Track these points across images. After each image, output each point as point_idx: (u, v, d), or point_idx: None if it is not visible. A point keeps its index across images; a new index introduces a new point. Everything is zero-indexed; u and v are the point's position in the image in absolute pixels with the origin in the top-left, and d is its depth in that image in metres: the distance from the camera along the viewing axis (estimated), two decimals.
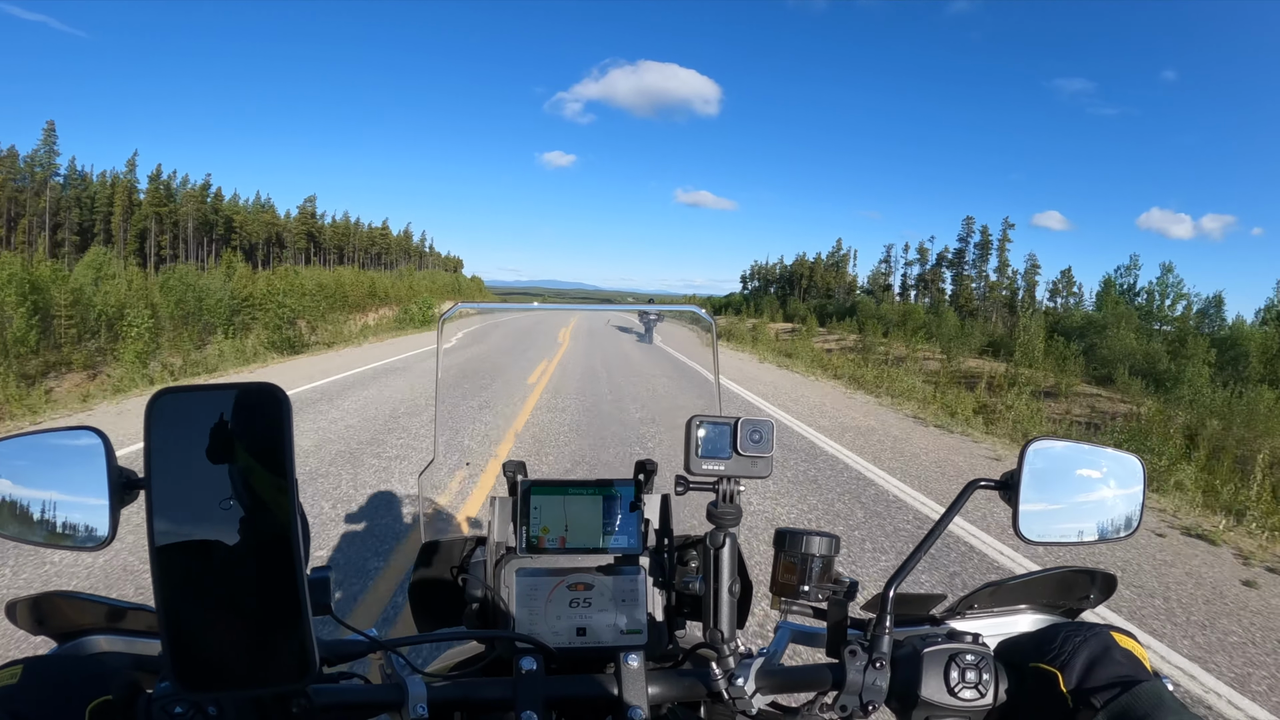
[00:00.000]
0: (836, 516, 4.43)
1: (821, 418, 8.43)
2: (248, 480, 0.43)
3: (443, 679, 0.66)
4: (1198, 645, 2.95)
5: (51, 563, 3.21)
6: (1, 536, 0.61)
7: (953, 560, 3.71)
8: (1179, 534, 4.65)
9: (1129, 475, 0.74)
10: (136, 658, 0.67)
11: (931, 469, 6.02)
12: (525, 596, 0.79)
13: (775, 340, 28.00)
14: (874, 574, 3.49)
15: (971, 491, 0.67)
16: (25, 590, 2.71)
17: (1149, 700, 0.52)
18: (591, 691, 0.68)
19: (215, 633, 0.44)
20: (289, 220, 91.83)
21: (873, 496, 4.96)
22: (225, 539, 0.43)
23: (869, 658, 0.63)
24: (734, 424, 0.70)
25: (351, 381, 9.34)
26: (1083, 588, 0.77)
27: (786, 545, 0.71)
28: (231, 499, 0.43)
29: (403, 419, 6.85)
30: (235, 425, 0.43)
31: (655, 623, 0.80)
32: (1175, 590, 3.57)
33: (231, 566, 0.43)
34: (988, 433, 8.77)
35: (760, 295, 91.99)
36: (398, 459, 5.23)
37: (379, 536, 3.67)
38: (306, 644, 0.44)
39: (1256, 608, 3.41)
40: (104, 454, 0.57)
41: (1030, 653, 0.61)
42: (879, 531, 4.17)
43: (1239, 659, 2.85)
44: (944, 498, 5.00)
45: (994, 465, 6.51)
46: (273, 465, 0.43)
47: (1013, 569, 3.45)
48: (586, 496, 0.83)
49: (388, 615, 2.79)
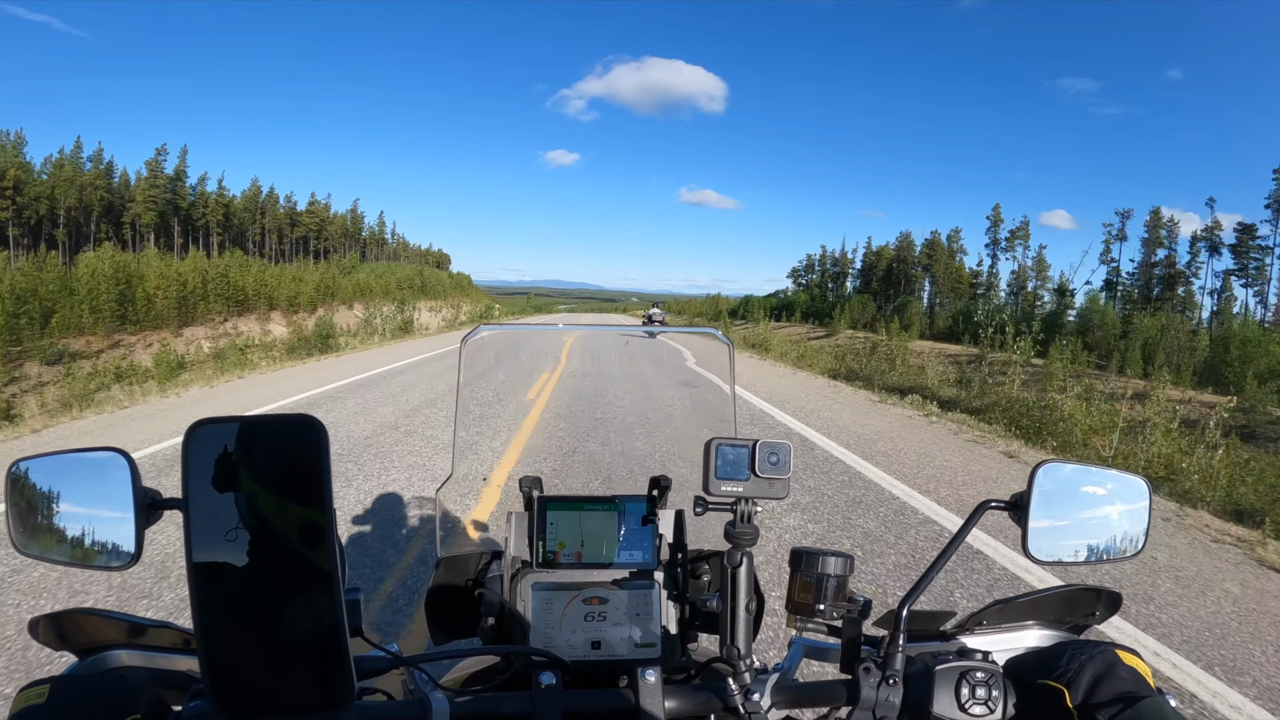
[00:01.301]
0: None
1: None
2: (286, 507, 0.44)
3: (464, 694, 0.67)
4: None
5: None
6: (26, 555, 0.62)
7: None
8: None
9: (1134, 497, 0.75)
10: (159, 674, 0.68)
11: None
12: (541, 610, 0.80)
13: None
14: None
15: (982, 512, 0.69)
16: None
17: (1152, 716, 0.54)
18: (609, 705, 0.69)
19: (255, 657, 0.44)
20: (132, 186, 61.68)
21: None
22: (264, 564, 0.44)
23: (883, 674, 0.65)
24: (752, 446, 0.72)
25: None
26: (1088, 605, 0.79)
27: (803, 565, 0.73)
28: (270, 525, 0.44)
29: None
30: (274, 454, 0.44)
31: (669, 637, 0.81)
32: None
33: (270, 592, 0.44)
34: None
35: (828, 292, 70.96)
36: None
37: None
38: (346, 670, 0.45)
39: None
40: (129, 474, 0.58)
41: (1037, 670, 0.63)
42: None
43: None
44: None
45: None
46: (311, 493, 0.44)
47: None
48: (601, 512, 0.84)
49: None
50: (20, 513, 0.62)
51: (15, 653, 2.47)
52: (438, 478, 4.72)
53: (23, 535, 0.62)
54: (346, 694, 0.45)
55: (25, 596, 2.93)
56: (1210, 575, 3.63)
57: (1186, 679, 2.55)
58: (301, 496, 0.44)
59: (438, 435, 6.00)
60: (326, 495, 0.44)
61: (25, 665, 2.38)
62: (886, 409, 8.91)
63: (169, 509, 0.58)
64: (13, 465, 0.62)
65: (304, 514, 0.44)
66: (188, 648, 0.70)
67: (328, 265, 61.81)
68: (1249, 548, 4.13)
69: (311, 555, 0.44)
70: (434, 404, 7.65)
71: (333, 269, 56.78)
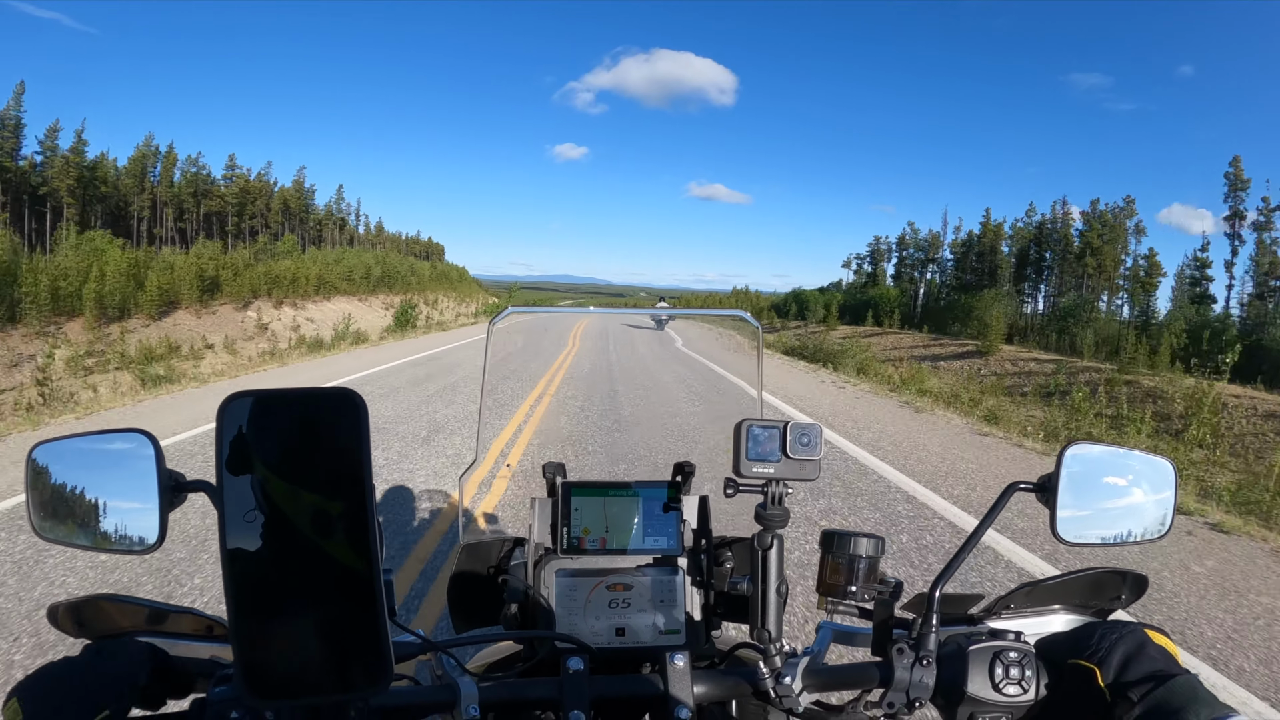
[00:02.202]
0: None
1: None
2: (324, 485, 0.43)
3: (492, 680, 0.67)
4: None
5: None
6: (48, 540, 0.61)
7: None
8: None
9: (1161, 478, 0.75)
10: (178, 660, 0.67)
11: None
12: (565, 597, 0.79)
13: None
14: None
15: (1011, 494, 0.69)
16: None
17: (1183, 693, 0.54)
18: (637, 691, 0.69)
19: (290, 640, 0.43)
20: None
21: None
22: (300, 544, 0.43)
23: (916, 655, 0.64)
24: (783, 427, 0.71)
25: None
26: (1114, 588, 0.79)
27: (834, 547, 0.72)
28: (308, 504, 0.43)
29: None
30: (312, 430, 0.43)
31: (693, 623, 0.81)
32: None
33: (307, 572, 0.43)
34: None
35: (924, 283, 48.31)
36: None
37: None
38: (384, 650, 0.44)
39: None
40: (153, 457, 0.56)
41: (1068, 650, 0.63)
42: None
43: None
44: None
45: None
46: (351, 470, 0.43)
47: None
48: (626, 498, 0.84)
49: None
50: (41, 497, 0.61)
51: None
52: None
53: (43, 520, 0.61)
54: (382, 676, 0.44)
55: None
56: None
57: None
58: (341, 470, 0.43)
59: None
60: (367, 469, 0.43)
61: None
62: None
63: (193, 491, 0.57)
64: (33, 449, 0.61)
65: (343, 487, 0.43)
66: (210, 634, 0.70)
67: (209, 247, 42.36)
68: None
69: (349, 531, 0.43)
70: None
71: (234, 255, 39.72)
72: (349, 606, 0.43)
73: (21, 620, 2.66)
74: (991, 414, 8.90)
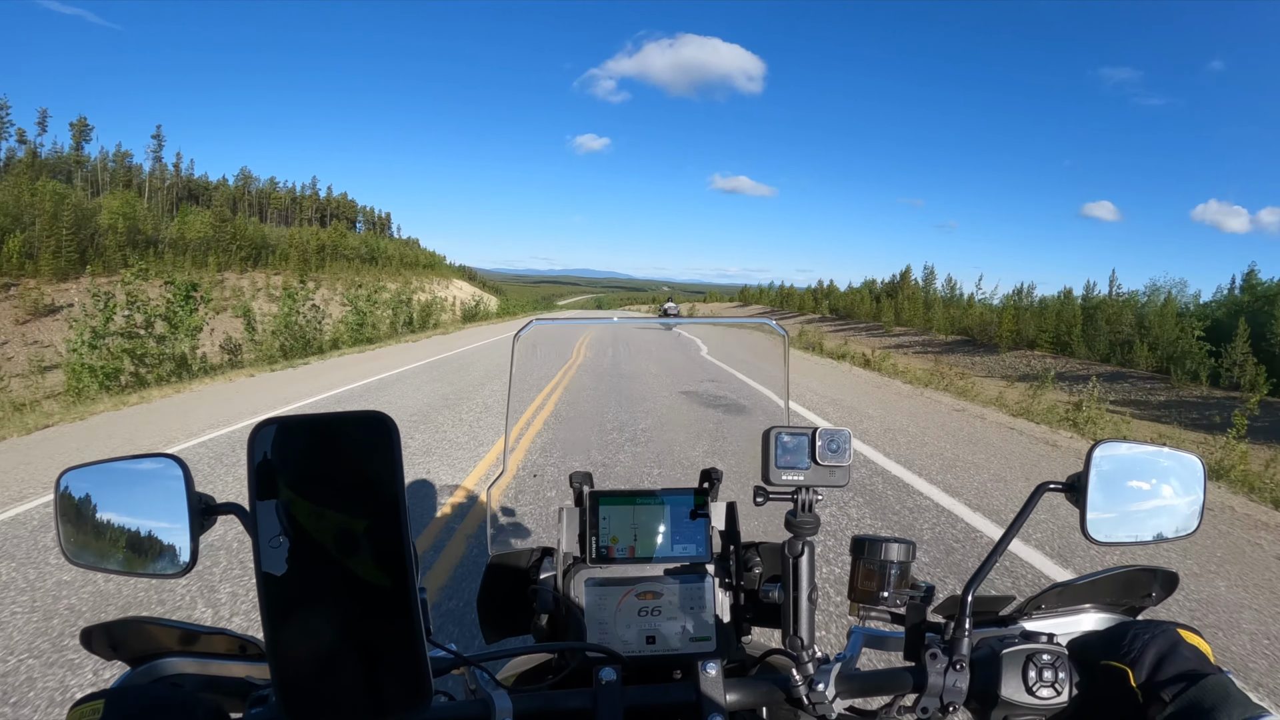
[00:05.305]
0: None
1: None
2: (347, 503, 0.43)
3: (524, 692, 0.66)
4: None
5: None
6: (79, 565, 0.61)
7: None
8: None
9: (1189, 475, 0.75)
10: (214, 680, 0.67)
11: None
12: (595, 606, 0.79)
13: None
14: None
15: (1041, 494, 0.68)
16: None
17: (1216, 693, 0.54)
18: (670, 699, 0.68)
19: (326, 662, 0.43)
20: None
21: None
22: (325, 564, 0.43)
23: (949, 659, 0.64)
24: (811, 434, 0.71)
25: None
26: (1145, 586, 0.78)
27: (865, 553, 0.72)
28: (331, 523, 0.43)
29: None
30: (344, 453, 0.43)
31: (724, 629, 0.80)
32: None
33: (343, 595, 0.43)
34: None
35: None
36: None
37: None
38: (423, 671, 0.44)
39: None
40: (183, 480, 0.56)
41: (1100, 651, 0.63)
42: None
43: None
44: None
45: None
46: (383, 492, 0.43)
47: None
48: (654, 505, 0.84)
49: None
50: (70, 523, 0.60)
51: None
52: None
53: (73, 546, 0.61)
54: (423, 695, 0.44)
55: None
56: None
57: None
58: (374, 492, 0.43)
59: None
60: (400, 490, 0.43)
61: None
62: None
63: (224, 514, 0.57)
64: (61, 474, 0.61)
65: (376, 509, 0.43)
66: (243, 654, 0.69)
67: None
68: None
69: (384, 552, 0.43)
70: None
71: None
72: (381, 625, 0.43)
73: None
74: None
